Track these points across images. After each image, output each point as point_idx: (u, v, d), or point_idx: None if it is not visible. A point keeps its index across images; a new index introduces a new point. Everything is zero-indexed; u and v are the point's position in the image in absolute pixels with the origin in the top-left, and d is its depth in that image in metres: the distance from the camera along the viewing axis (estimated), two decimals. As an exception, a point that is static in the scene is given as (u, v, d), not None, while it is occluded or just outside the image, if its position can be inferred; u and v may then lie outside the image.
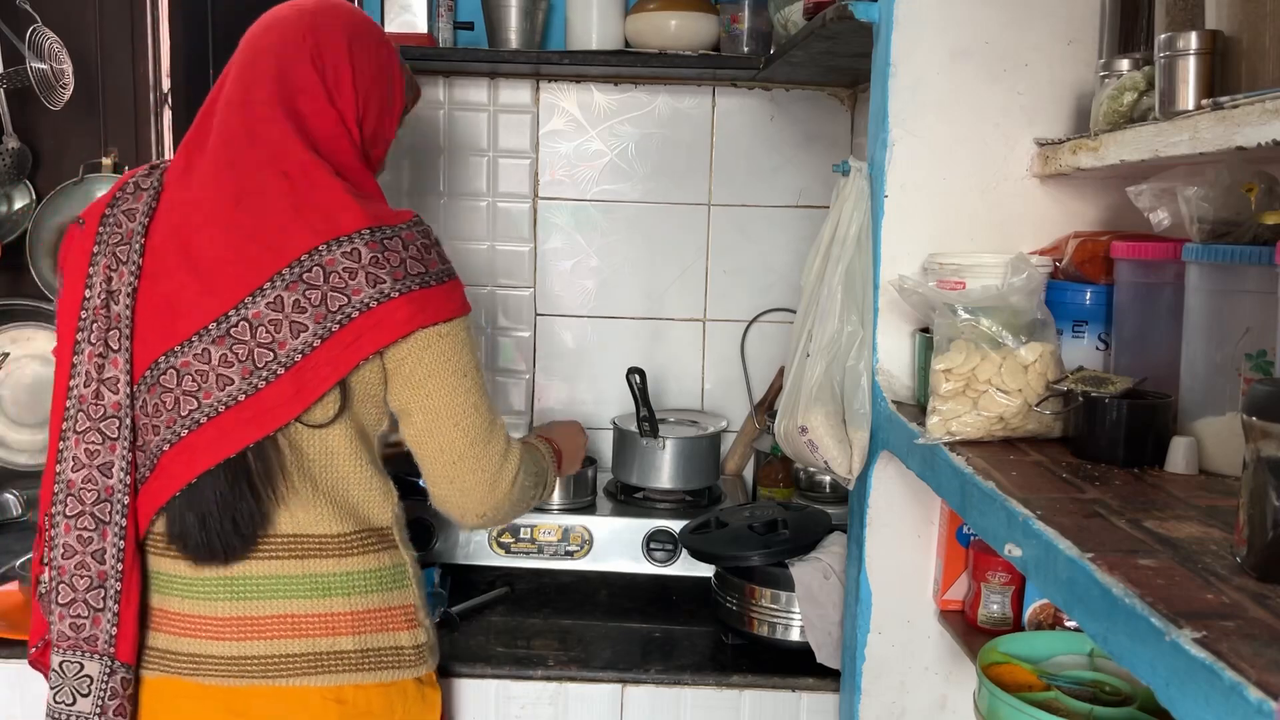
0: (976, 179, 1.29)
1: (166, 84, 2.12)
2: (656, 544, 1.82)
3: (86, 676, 1.24)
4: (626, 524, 1.84)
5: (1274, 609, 0.64)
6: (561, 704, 1.58)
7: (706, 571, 1.74)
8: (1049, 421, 1.11)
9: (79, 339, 1.26)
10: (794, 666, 1.57)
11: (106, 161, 2.10)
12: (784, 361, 2.08)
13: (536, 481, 1.43)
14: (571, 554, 1.83)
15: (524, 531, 1.83)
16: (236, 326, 1.21)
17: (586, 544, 1.83)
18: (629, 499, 1.95)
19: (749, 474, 2.20)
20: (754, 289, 2.22)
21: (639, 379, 1.94)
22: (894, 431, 1.26)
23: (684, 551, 1.75)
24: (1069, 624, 1.29)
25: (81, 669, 1.24)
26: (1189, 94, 0.91)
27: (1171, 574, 0.70)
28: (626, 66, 2.04)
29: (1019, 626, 1.34)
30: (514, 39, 2.00)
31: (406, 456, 1.35)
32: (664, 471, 1.95)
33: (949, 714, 1.43)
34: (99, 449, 1.24)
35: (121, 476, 1.24)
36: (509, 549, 1.83)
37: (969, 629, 1.35)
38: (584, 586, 1.89)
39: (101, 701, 1.24)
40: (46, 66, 1.99)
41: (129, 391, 1.25)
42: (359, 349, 1.22)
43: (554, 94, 2.18)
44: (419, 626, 1.35)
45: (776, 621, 1.59)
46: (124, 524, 1.24)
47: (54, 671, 1.24)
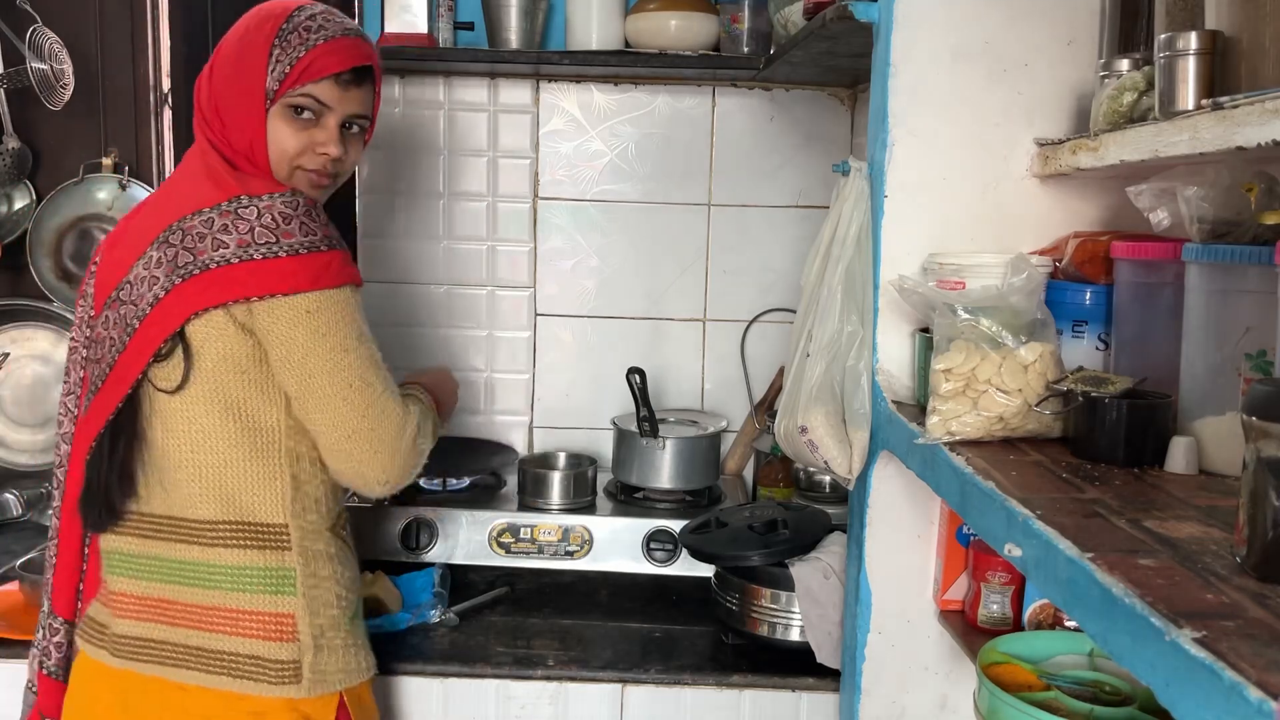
0: (976, 179, 1.29)
1: (166, 84, 2.12)
2: (656, 544, 1.82)
3: (44, 613, 1.41)
4: (626, 524, 1.84)
5: (1274, 609, 0.64)
6: (561, 704, 1.58)
7: (706, 571, 1.74)
8: (1049, 421, 1.11)
9: (74, 329, 1.42)
10: (794, 666, 1.57)
11: (106, 161, 2.10)
12: (784, 361, 2.08)
13: (432, 433, 1.41)
14: (571, 554, 1.83)
15: (524, 531, 1.83)
16: (124, 289, 1.30)
17: (586, 544, 1.83)
18: (629, 499, 1.95)
19: (749, 474, 2.20)
20: (754, 289, 2.22)
21: (639, 379, 1.94)
22: (894, 431, 1.26)
23: (684, 551, 1.75)
24: (1069, 624, 1.29)
25: (44, 607, 1.41)
26: (1189, 94, 0.91)
27: (1171, 574, 0.70)
28: (626, 67, 2.04)
29: (1019, 626, 1.34)
30: (514, 39, 2.00)
31: None
32: (664, 471, 1.95)
33: (949, 714, 1.43)
34: (63, 419, 1.41)
35: (67, 446, 1.39)
36: (509, 549, 1.83)
37: (969, 629, 1.35)
38: (584, 586, 1.89)
39: (46, 640, 1.40)
40: (46, 66, 1.99)
41: (82, 368, 1.39)
42: (190, 302, 1.24)
43: (554, 94, 2.18)
44: (292, 640, 1.29)
45: (776, 621, 1.59)
46: (60, 493, 1.39)
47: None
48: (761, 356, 2.22)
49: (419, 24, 1.98)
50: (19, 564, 1.71)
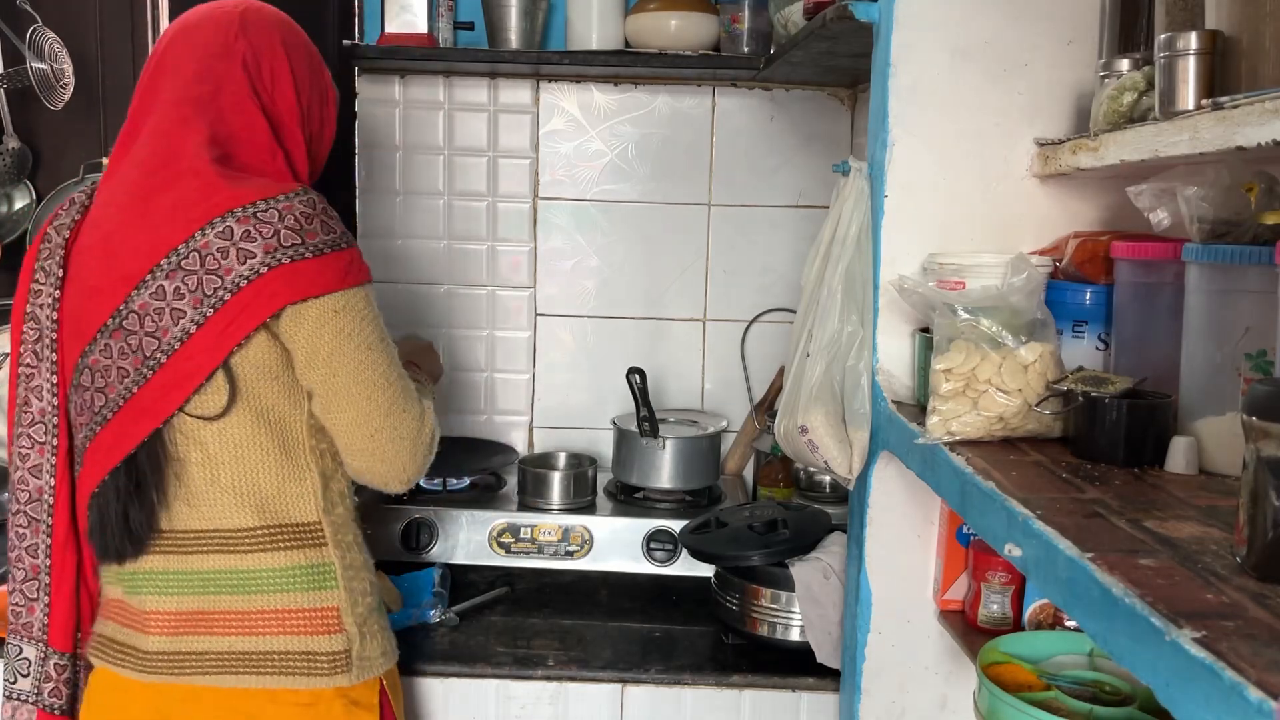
0: (976, 179, 1.29)
1: (166, 84, 2.12)
2: (656, 544, 1.82)
3: (25, 659, 1.34)
4: (626, 524, 1.84)
5: (1274, 609, 0.64)
6: (561, 704, 1.58)
7: (706, 571, 1.74)
8: (1049, 421, 1.11)
9: (21, 351, 1.32)
10: (794, 666, 1.57)
11: (106, 161, 2.10)
12: (784, 361, 2.08)
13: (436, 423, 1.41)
14: (571, 554, 1.83)
15: (524, 531, 1.83)
16: (128, 319, 1.23)
17: (586, 544, 1.83)
18: (629, 499, 1.95)
19: (749, 474, 2.20)
20: (754, 289, 2.22)
21: (639, 379, 1.94)
22: (894, 431, 1.26)
23: (684, 551, 1.75)
24: (1069, 624, 1.29)
25: (20, 652, 1.34)
26: (1189, 94, 0.91)
27: (1171, 574, 0.70)
28: (626, 66, 2.04)
29: (1019, 626, 1.33)
30: (514, 39, 2.00)
31: None
32: (664, 471, 1.95)
33: (949, 714, 1.43)
34: (29, 452, 1.32)
35: (48, 479, 1.31)
36: (509, 549, 1.83)
37: (969, 629, 1.35)
38: (584, 586, 1.89)
39: (38, 684, 1.33)
40: (46, 66, 1.99)
41: (53, 398, 1.31)
42: (233, 333, 1.21)
43: (554, 94, 2.18)
44: (339, 632, 1.30)
45: (776, 621, 1.59)
46: (50, 523, 1.32)
47: (4, 652, 1.35)
48: (761, 356, 2.22)
49: (419, 24, 1.98)
50: (19, 564, 1.71)
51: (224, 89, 1.30)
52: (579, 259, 2.22)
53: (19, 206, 2.12)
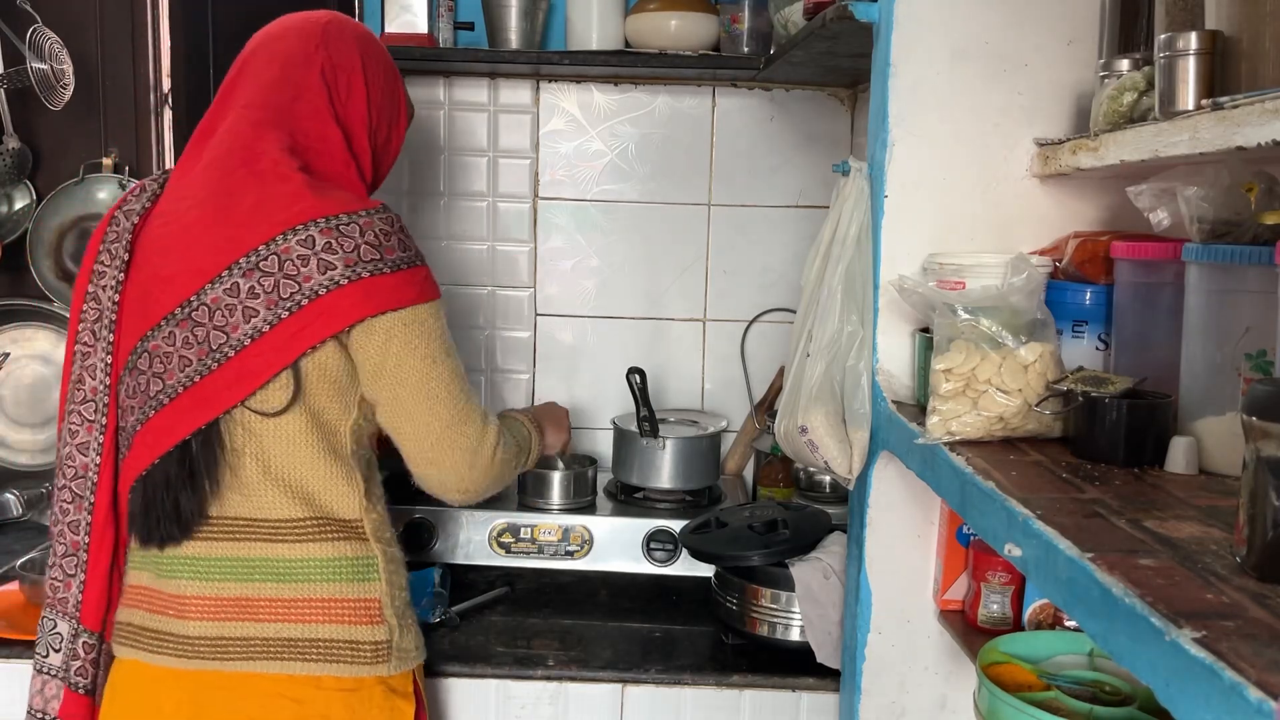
0: (976, 179, 1.29)
1: (166, 84, 2.12)
2: (656, 544, 1.82)
3: (58, 634, 1.35)
4: (626, 524, 1.84)
5: (1274, 609, 0.64)
6: (561, 704, 1.58)
7: (706, 571, 1.74)
8: (1049, 421, 1.11)
9: (80, 330, 1.35)
10: (794, 666, 1.57)
11: (106, 161, 2.10)
12: (784, 361, 2.08)
13: (518, 452, 1.48)
14: (571, 554, 1.83)
15: (524, 531, 1.83)
16: (197, 310, 1.26)
17: (586, 544, 1.83)
18: (629, 499, 1.95)
19: (749, 474, 2.20)
20: (754, 289, 2.22)
21: (639, 379, 1.94)
22: (894, 431, 1.26)
23: (684, 551, 1.75)
24: (1069, 624, 1.29)
25: (54, 626, 1.36)
26: (1189, 94, 0.91)
27: (1171, 574, 0.70)
28: (626, 66, 2.04)
29: (1019, 626, 1.33)
30: (514, 39, 2.00)
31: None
32: (664, 471, 1.95)
33: (949, 714, 1.43)
34: (78, 429, 1.34)
35: (94, 456, 1.34)
36: (509, 549, 1.83)
37: (969, 629, 1.35)
38: (584, 586, 1.89)
39: (67, 661, 1.34)
40: (46, 66, 1.99)
41: (105, 377, 1.33)
42: (305, 337, 1.25)
43: (554, 94, 2.18)
44: (381, 623, 1.33)
45: (776, 621, 1.59)
46: (93, 500, 1.34)
47: (39, 624, 1.37)
48: (761, 356, 2.22)
49: (419, 24, 1.98)
50: (19, 564, 1.71)
51: (302, 97, 1.35)
52: (579, 259, 2.22)
53: (19, 206, 2.12)
